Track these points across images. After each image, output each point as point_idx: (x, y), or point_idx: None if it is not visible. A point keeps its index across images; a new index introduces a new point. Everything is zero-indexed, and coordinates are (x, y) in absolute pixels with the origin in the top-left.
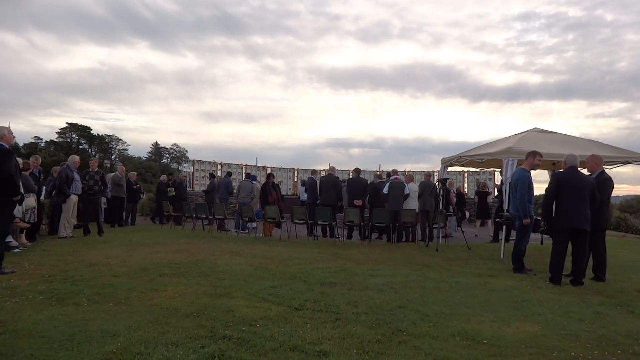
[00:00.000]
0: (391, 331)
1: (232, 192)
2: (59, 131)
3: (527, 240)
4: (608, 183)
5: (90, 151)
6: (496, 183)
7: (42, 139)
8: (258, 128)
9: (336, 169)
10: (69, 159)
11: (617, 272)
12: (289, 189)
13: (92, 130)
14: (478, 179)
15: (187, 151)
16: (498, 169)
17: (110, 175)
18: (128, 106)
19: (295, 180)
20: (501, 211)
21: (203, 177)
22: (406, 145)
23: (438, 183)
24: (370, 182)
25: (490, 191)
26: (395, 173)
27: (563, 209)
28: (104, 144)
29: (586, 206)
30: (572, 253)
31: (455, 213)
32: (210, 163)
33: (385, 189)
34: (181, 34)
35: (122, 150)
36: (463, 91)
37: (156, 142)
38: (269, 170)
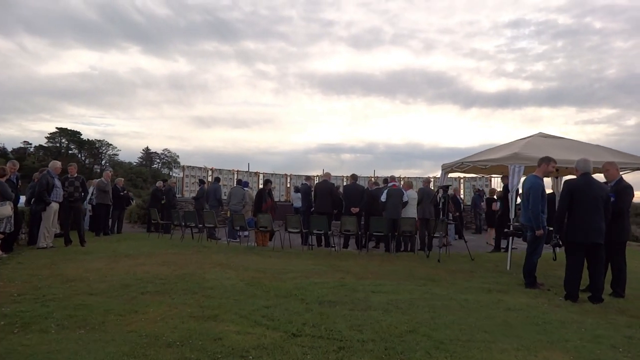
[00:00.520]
0: None
1: (221, 199)
2: (48, 136)
3: (540, 252)
4: (628, 191)
5: (79, 156)
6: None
7: (31, 144)
8: (250, 133)
9: (330, 174)
10: (50, 164)
11: (635, 286)
12: (282, 195)
13: (82, 134)
14: (474, 185)
15: (178, 156)
16: (498, 175)
17: (95, 181)
18: (119, 111)
19: (287, 185)
20: (506, 219)
21: (193, 183)
22: (397, 150)
23: (439, 190)
24: (365, 189)
25: (494, 197)
26: (392, 179)
27: (576, 221)
28: (94, 149)
29: (600, 217)
30: (588, 267)
31: (455, 220)
32: (200, 168)
33: (382, 196)
34: (173, 39)
35: (112, 155)
36: (454, 97)
37: (147, 147)
38: (261, 175)
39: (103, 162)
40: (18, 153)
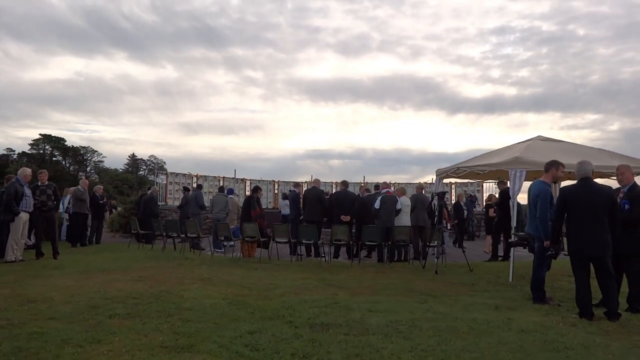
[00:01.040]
0: None
1: (204, 205)
2: (32, 142)
3: (549, 264)
4: None
5: (64, 163)
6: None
7: (15, 151)
8: (238, 139)
9: (321, 181)
10: (19, 172)
11: None
12: (269, 202)
13: (66, 141)
14: (465, 190)
15: (165, 162)
16: (490, 181)
17: (71, 188)
18: (105, 117)
19: (275, 192)
20: (503, 226)
21: (177, 190)
22: (386, 156)
23: (435, 196)
24: (356, 196)
25: (492, 203)
26: (386, 185)
27: (571, 232)
28: (79, 156)
29: (601, 227)
30: (597, 281)
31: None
32: (184, 175)
33: (376, 204)
34: (160, 45)
35: (98, 161)
36: (441, 103)
37: (133, 154)
38: (248, 182)
39: (88, 169)
40: (0, 160)
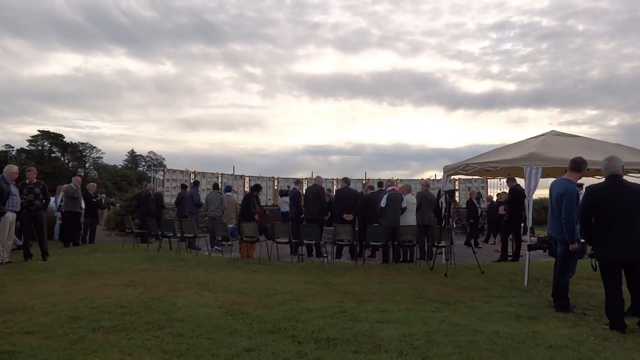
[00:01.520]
0: None
1: (199, 203)
2: (30, 139)
3: (573, 270)
4: None
5: (62, 159)
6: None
7: (14, 147)
8: (237, 136)
9: (322, 178)
10: (5, 169)
11: None
12: (269, 199)
13: (65, 137)
14: (469, 187)
15: (164, 158)
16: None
17: (64, 186)
18: (104, 113)
19: (275, 187)
20: (513, 226)
21: (174, 188)
22: (384, 152)
23: (445, 194)
24: (359, 193)
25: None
26: (391, 183)
27: (602, 235)
28: (77, 152)
29: (633, 228)
30: (628, 287)
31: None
32: (182, 172)
33: (382, 202)
34: (159, 41)
35: (97, 158)
36: (440, 99)
37: (132, 150)
38: (247, 179)
39: (87, 165)
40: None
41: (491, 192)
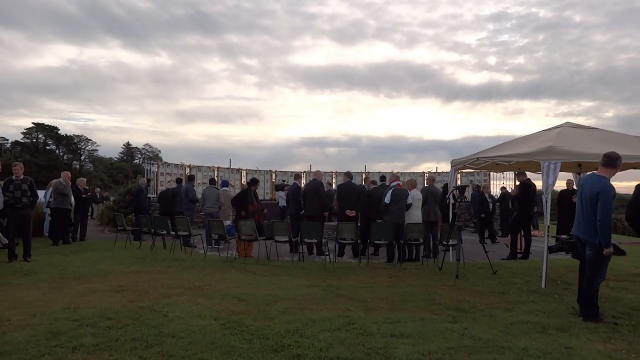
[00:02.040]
0: None
1: (195, 199)
2: (24, 131)
3: (604, 275)
4: None
5: (57, 152)
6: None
7: (8, 140)
8: (233, 128)
9: (322, 173)
10: None
11: None
12: (267, 193)
13: (59, 130)
14: (472, 180)
15: (160, 151)
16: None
17: (53, 181)
18: (99, 106)
19: (273, 180)
20: (523, 222)
21: (169, 182)
22: (381, 143)
23: (455, 190)
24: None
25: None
26: (396, 178)
27: None
28: (72, 144)
29: None
30: None
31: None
32: (177, 165)
33: (386, 198)
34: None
35: (92, 150)
36: (437, 90)
37: (127, 142)
38: (244, 172)
39: (82, 158)
40: None
41: (493, 186)
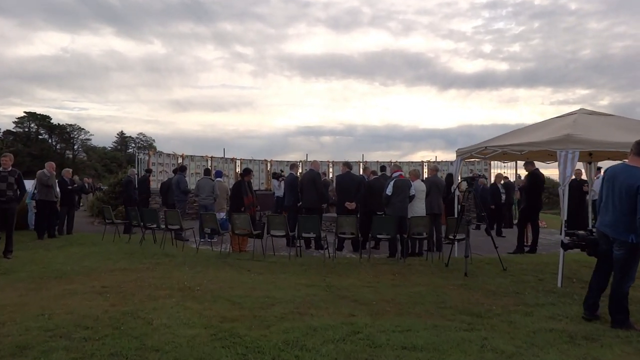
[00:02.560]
0: None
1: (187, 190)
2: (16, 120)
3: (633, 277)
4: None
5: (50, 141)
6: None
7: (0, 129)
8: (228, 117)
9: (319, 162)
10: None
11: None
12: (262, 183)
13: (52, 119)
14: (472, 169)
15: (154, 140)
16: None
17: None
18: (92, 94)
19: (268, 169)
20: (531, 214)
21: (161, 172)
22: (377, 132)
23: (465, 181)
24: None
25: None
26: (398, 168)
27: None
28: (65, 134)
29: None
30: None
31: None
32: (169, 155)
33: (388, 189)
34: (147, 20)
35: (85, 140)
36: (432, 78)
37: (121, 131)
38: (238, 162)
39: (76, 147)
40: None
41: (493, 175)
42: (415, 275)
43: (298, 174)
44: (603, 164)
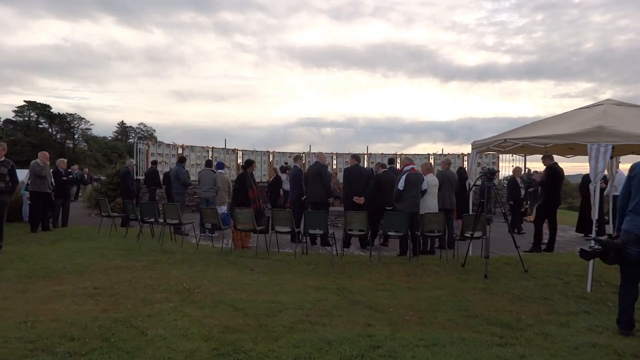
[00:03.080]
0: None
1: (187, 182)
2: (16, 109)
3: None
4: None
5: (50, 130)
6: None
7: (0, 118)
8: (229, 107)
9: (325, 155)
10: None
11: None
12: (264, 175)
13: (52, 108)
14: (480, 163)
15: (155, 130)
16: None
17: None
18: (93, 84)
19: (271, 161)
20: (550, 211)
21: (160, 163)
22: (377, 124)
23: (481, 176)
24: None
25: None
26: (409, 161)
27: None
28: (65, 123)
29: None
30: None
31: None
32: (168, 145)
33: (399, 184)
34: (148, 9)
35: (86, 129)
36: (434, 70)
37: (122, 121)
38: (240, 153)
39: (76, 137)
40: None
41: (503, 169)
42: (431, 276)
43: (301, 167)
44: (626, 159)
